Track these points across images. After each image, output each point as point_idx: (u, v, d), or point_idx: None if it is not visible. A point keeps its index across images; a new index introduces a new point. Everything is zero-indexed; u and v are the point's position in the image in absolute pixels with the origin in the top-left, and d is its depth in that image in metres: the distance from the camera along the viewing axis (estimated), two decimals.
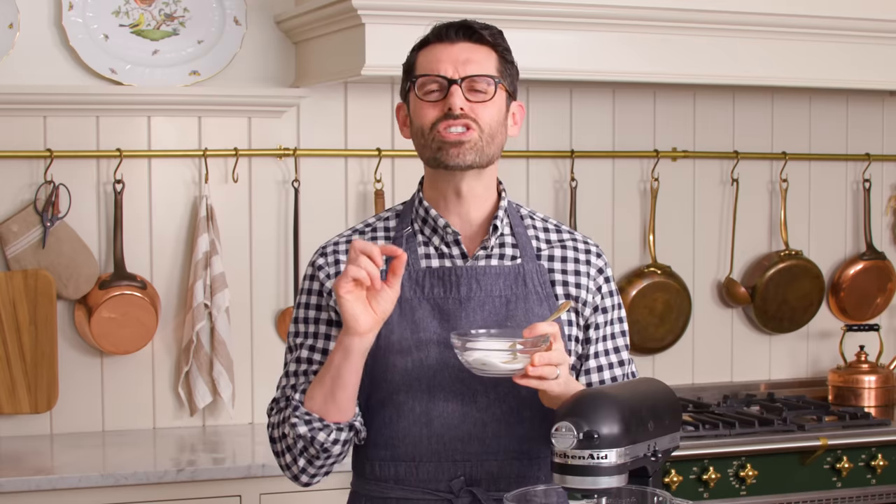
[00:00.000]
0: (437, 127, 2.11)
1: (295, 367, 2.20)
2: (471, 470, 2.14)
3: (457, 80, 2.11)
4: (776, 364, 4.30)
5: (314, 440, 2.08)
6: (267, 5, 3.71)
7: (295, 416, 2.09)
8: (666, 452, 2.06)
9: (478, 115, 2.12)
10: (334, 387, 2.07)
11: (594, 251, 2.28)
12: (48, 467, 3.21)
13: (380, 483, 2.18)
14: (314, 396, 2.09)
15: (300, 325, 2.22)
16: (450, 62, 2.12)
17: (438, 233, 2.19)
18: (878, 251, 4.36)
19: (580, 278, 2.23)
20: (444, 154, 2.12)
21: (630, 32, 3.49)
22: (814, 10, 3.62)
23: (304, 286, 2.24)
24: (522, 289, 2.18)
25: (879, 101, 4.36)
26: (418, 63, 2.16)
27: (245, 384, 3.72)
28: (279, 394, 2.21)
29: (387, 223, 2.25)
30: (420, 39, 2.19)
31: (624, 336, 2.28)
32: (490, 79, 2.13)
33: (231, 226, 3.69)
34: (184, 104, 3.60)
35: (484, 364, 1.99)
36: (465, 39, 2.14)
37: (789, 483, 3.55)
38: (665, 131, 4.12)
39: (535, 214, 2.29)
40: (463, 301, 2.14)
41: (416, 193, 2.24)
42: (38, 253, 3.48)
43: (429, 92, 2.13)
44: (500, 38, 2.19)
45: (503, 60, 2.17)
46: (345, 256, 2.20)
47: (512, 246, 2.21)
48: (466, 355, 1.99)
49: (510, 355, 1.98)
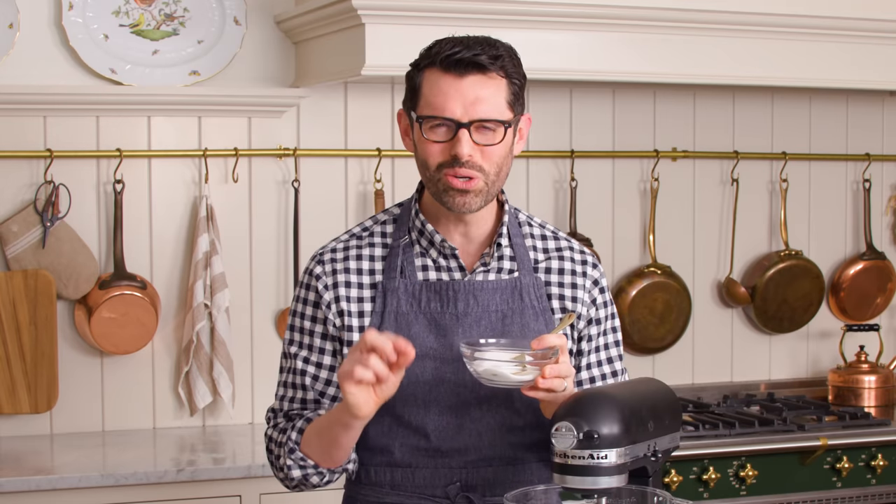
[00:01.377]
0: (443, 170, 2.06)
1: (291, 378, 2.21)
2: (467, 476, 2.15)
3: (465, 123, 2.04)
4: (776, 364, 4.30)
5: (307, 482, 2.15)
6: (267, 5, 3.71)
7: (290, 458, 2.12)
8: (666, 452, 2.06)
9: (485, 158, 2.06)
10: (332, 448, 2.10)
11: (590, 261, 2.25)
12: (48, 467, 3.21)
13: (375, 488, 2.18)
14: (311, 445, 2.11)
15: (295, 333, 2.21)
16: (458, 101, 2.03)
17: (436, 246, 2.17)
18: (878, 251, 4.36)
19: (576, 291, 2.21)
20: (451, 200, 2.07)
21: (630, 32, 3.49)
22: (814, 10, 3.62)
23: (301, 294, 2.21)
24: (519, 303, 2.17)
25: (879, 101, 4.36)
26: (423, 92, 2.07)
27: (245, 384, 3.72)
28: (277, 405, 2.23)
29: (384, 228, 2.21)
30: (427, 54, 2.09)
31: (618, 346, 2.28)
32: (500, 123, 2.06)
33: (231, 226, 3.69)
34: (184, 104, 3.60)
35: (495, 375, 1.98)
36: (475, 72, 2.05)
37: (789, 483, 3.55)
38: (665, 131, 4.12)
39: (532, 220, 2.27)
40: (460, 316, 2.13)
41: (413, 201, 2.20)
42: (38, 253, 3.48)
43: (435, 129, 2.06)
44: (511, 63, 2.08)
45: (515, 86, 2.08)
46: (342, 265, 2.18)
47: (510, 259, 2.19)
48: (476, 365, 1.98)
49: (520, 367, 1.97)
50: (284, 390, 2.22)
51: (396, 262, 2.16)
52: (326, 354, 2.18)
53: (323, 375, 2.18)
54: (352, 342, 2.15)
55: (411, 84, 2.11)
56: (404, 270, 2.15)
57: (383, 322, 2.14)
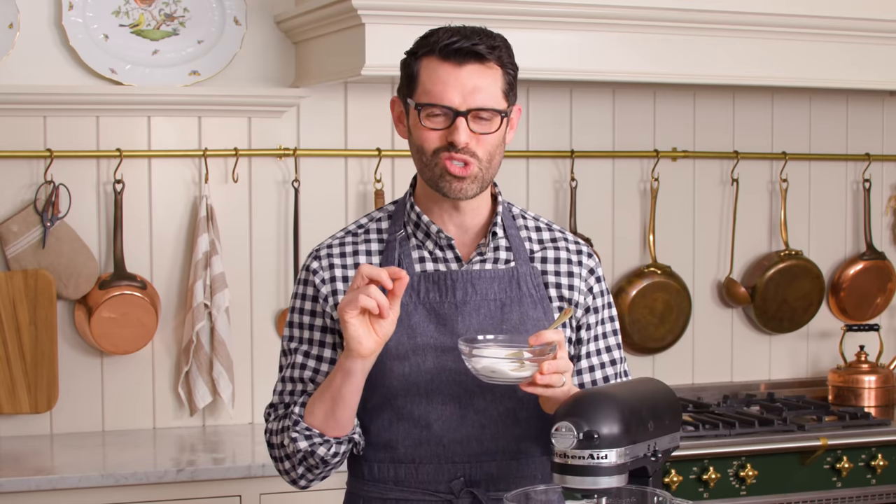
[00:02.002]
0: (440, 155, 2.09)
1: (290, 372, 2.21)
2: (470, 471, 2.15)
3: (463, 111, 2.07)
4: (776, 364, 4.30)
5: (314, 454, 2.11)
6: (267, 5, 3.71)
7: (295, 430, 2.11)
8: (666, 452, 2.06)
9: (480, 145, 2.09)
10: (335, 406, 2.08)
11: (585, 251, 2.27)
12: (48, 467, 3.21)
13: (378, 484, 2.18)
14: (314, 412, 2.11)
15: (294, 329, 2.22)
16: (457, 89, 2.07)
17: (432, 237, 2.18)
18: (878, 251, 4.36)
19: (573, 280, 2.23)
20: (447, 186, 2.10)
21: (630, 32, 3.49)
22: (814, 10, 3.62)
23: (299, 291, 2.22)
24: (517, 292, 2.18)
25: (879, 101, 4.36)
26: (421, 79, 2.10)
27: (245, 384, 3.72)
28: (276, 399, 2.23)
29: (379, 224, 2.23)
30: (424, 42, 2.12)
31: (616, 335, 2.28)
32: (496, 112, 2.09)
33: (231, 226, 3.69)
34: (184, 104, 3.60)
35: (493, 371, 1.99)
36: (473, 61, 2.08)
37: (789, 483, 3.55)
38: (665, 131, 4.12)
39: (526, 213, 2.29)
40: (459, 305, 2.14)
41: (407, 195, 2.22)
42: (38, 253, 3.48)
43: (433, 117, 2.09)
44: (507, 53, 2.12)
45: (510, 76, 2.12)
46: (339, 260, 2.19)
47: (506, 249, 2.20)
48: (474, 362, 1.99)
49: (518, 363, 1.98)
50: (283, 385, 2.21)
51: (394, 256, 2.18)
52: (326, 348, 2.18)
53: (323, 368, 2.18)
54: None
55: (408, 71, 2.13)
56: (402, 263, 2.16)
57: None
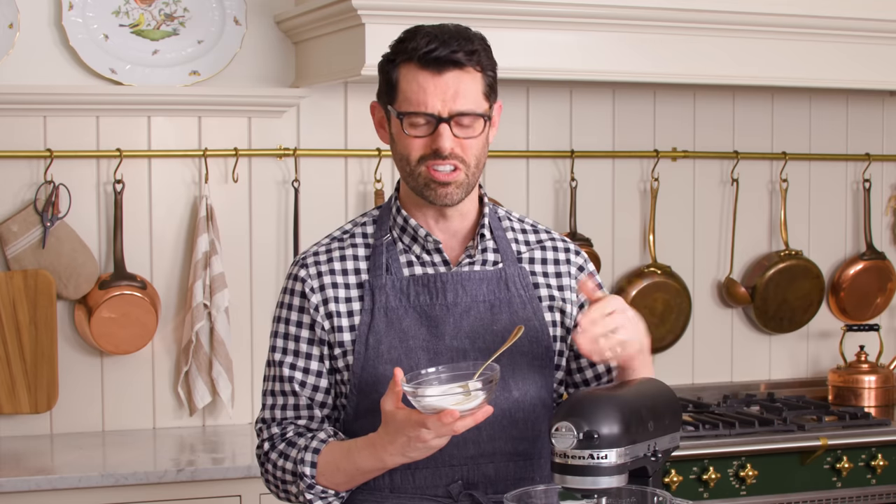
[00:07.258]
0: (424, 163, 2.08)
1: (278, 386, 2.18)
2: (468, 473, 2.13)
3: (446, 118, 2.06)
4: (776, 364, 4.30)
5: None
6: (267, 5, 3.70)
7: (311, 493, 2.11)
8: (666, 452, 2.06)
9: (465, 151, 2.08)
10: (356, 479, 2.10)
11: (572, 249, 2.28)
12: (48, 467, 3.21)
13: (373, 492, 2.15)
14: (332, 478, 2.10)
15: (279, 339, 2.19)
16: (437, 96, 2.05)
17: (419, 241, 2.17)
18: (878, 251, 4.36)
19: (562, 279, 2.23)
20: (433, 193, 2.09)
21: (630, 32, 3.49)
22: (814, 10, 3.62)
23: (285, 300, 2.19)
24: (505, 293, 2.17)
25: (879, 101, 4.36)
26: (401, 87, 2.08)
27: (244, 384, 3.72)
28: (268, 415, 2.20)
29: (364, 229, 2.22)
30: (402, 49, 2.09)
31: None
32: (479, 115, 2.08)
33: (231, 226, 3.69)
34: (184, 104, 3.60)
35: (437, 410, 1.94)
36: (452, 68, 2.06)
37: (789, 483, 3.55)
38: (665, 131, 4.12)
39: (511, 215, 2.29)
40: (450, 307, 2.14)
41: (392, 199, 2.21)
42: (38, 253, 3.48)
43: (415, 125, 2.07)
44: (485, 55, 2.10)
45: (489, 78, 2.11)
46: (326, 266, 2.17)
47: (493, 251, 2.20)
48: (417, 402, 1.95)
49: (464, 394, 1.95)
50: (273, 399, 2.19)
51: (381, 260, 2.16)
52: (313, 360, 2.16)
53: (310, 381, 2.16)
54: (342, 343, 2.14)
55: (386, 77, 2.12)
56: (390, 267, 2.15)
57: (374, 318, 2.13)
